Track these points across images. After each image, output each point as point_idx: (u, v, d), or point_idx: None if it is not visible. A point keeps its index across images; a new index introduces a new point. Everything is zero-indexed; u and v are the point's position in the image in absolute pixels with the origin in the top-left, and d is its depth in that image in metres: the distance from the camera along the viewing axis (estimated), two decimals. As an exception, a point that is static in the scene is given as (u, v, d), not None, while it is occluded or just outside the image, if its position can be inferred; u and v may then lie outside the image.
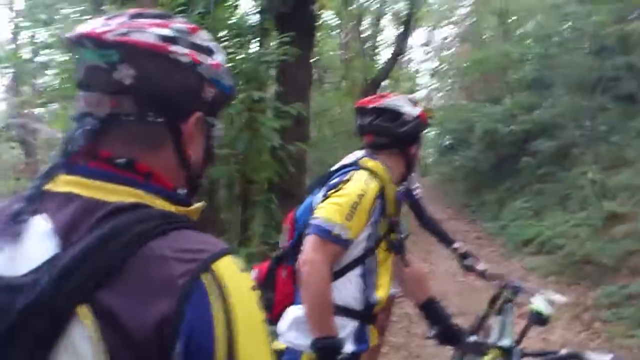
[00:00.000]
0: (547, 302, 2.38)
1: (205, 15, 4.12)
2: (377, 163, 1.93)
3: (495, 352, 2.24)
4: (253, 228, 4.53)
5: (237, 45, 4.74)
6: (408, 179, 2.17)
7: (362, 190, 1.82)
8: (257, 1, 5.54)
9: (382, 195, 1.89)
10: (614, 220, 6.84)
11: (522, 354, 2.15)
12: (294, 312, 1.87)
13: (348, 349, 1.79)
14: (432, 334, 2.12)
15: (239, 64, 4.37)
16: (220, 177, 4.42)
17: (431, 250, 8.66)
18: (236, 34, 4.75)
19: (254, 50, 4.92)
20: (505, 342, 2.35)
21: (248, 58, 4.59)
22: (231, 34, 4.71)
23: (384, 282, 1.95)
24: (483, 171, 13.89)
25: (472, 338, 2.29)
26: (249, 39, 4.97)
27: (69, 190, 0.73)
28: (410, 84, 20.31)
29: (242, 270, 0.73)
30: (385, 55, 15.72)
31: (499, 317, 2.69)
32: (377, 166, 1.92)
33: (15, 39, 10.11)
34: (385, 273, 1.97)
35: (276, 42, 4.66)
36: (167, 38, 0.77)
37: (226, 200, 4.85)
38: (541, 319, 2.33)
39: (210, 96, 0.82)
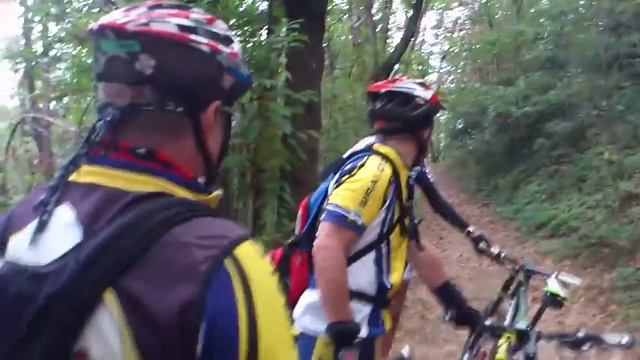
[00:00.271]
0: (562, 284, 2.37)
1: (215, 4, 4.11)
2: (389, 148, 1.93)
3: (510, 334, 2.25)
4: (266, 216, 4.55)
5: (247, 33, 4.72)
6: (421, 163, 2.16)
7: (375, 176, 1.82)
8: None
9: (396, 181, 1.89)
10: (630, 202, 6.76)
11: (538, 336, 2.15)
12: (308, 297, 1.89)
13: (363, 333, 1.81)
14: (447, 317, 2.13)
15: (249, 52, 4.36)
16: (233, 167, 4.43)
17: (444, 236, 8.66)
18: (246, 22, 4.73)
19: (264, 38, 4.90)
20: (521, 324, 2.36)
21: (258, 46, 4.57)
22: (241, 22, 4.69)
23: (398, 267, 1.96)
24: (496, 154, 13.78)
25: (487, 322, 2.30)
26: (259, 27, 4.94)
27: (92, 180, 0.75)
28: (421, 67, 20.10)
29: (262, 255, 0.74)
30: (396, 38, 15.60)
31: (513, 300, 2.70)
32: (389, 151, 1.92)
33: (27, 34, 10.16)
34: (399, 258, 1.98)
35: (286, 28, 4.63)
36: (187, 28, 0.78)
37: (239, 189, 4.87)
38: (556, 301, 2.33)
39: (229, 85, 0.83)
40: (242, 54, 0.87)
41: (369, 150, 1.94)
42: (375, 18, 14.65)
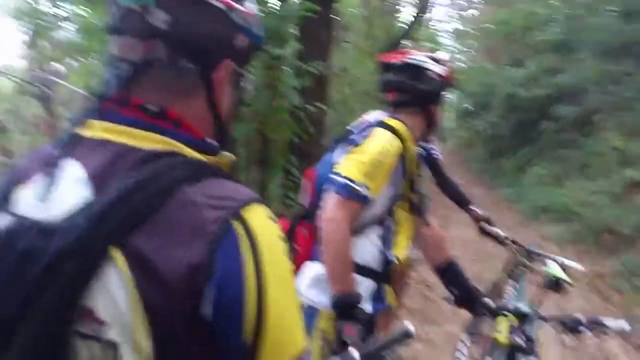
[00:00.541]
0: (563, 268, 2.37)
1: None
2: (398, 122, 1.90)
3: (511, 316, 2.25)
4: (272, 189, 4.54)
5: (258, 0, 4.64)
6: (429, 139, 2.13)
7: (383, 148, 1.80)
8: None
9: (404, 154, 1.86)
10: (635, 189, 6.74)
11: (539, 319, 2.15)
12: (313, 269, 1.88)
13: (366, 308, 1.80)
14: (450, 296, 2.12)
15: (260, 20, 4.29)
16: (240, 136, 4.40)
17: (447, 215, 8.64)
18: (257, -10, 4.65)
19: (275, 6, 4.81)
20: (522, 306, 2.36)
21: (270, 14, 4.50)
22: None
23: (403, 242, 1.95)
24: (503, 136, 13.70)
25: (488, 303, 2.29)
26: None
27: (102, 136, 0.74)
28: (431, 44, 19.84)
29: (272, 218, 0.73)
30: (406, 13, 15.36)
31: (514, 282, 2.70)
32: (399, 125, 1.89)
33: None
34: (404, 233, 1.96)
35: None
36: None
37: (244, 160, 4.84)
38: (556, 284, 2.33)
39: (242, 45, 0.82)
40: (256, 14, 0.85)
41: (377, 122, 1.91)
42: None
